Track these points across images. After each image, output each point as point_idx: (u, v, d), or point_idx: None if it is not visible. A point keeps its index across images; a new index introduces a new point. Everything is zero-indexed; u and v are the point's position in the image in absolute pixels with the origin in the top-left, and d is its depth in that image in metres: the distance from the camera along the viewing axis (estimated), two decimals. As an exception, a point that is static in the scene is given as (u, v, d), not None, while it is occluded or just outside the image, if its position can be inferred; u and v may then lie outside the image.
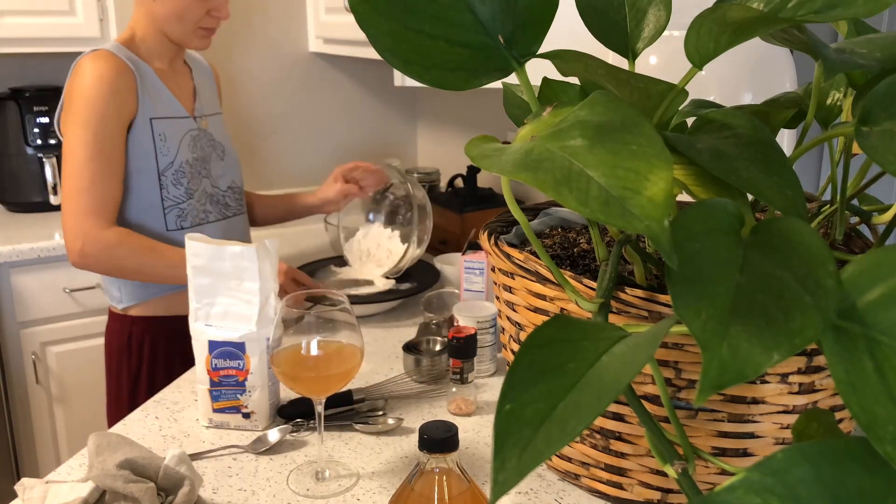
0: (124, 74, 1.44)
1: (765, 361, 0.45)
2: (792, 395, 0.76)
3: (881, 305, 0.47)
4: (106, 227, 1.41)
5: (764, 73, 1.15)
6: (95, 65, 1.42)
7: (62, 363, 2.09)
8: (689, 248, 0.53)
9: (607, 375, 0.49)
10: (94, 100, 1.40)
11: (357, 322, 0.94)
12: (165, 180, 1.49)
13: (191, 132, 1.55)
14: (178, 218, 1.52)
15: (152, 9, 1.49)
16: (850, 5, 0.59)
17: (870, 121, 0.62)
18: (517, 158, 0.53)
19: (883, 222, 0.81)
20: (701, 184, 0.69)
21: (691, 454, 0.58)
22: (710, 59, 0.63)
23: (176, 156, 1.51)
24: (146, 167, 1.47)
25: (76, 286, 2.05)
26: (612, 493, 0.87)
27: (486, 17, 0.65)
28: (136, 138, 1.46)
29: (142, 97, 1.47)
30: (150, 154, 1.48)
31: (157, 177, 1.49)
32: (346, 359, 0.93)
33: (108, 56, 1.44)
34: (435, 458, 0.74)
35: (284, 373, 0.92)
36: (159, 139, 1.48)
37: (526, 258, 0.81)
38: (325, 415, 1.07)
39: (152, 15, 1.50)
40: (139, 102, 1.47)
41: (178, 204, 1.52)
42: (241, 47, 2.41)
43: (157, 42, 1.53)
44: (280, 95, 2.50)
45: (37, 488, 0.86)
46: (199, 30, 1.52)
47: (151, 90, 1.49)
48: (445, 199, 2.03)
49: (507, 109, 0.87)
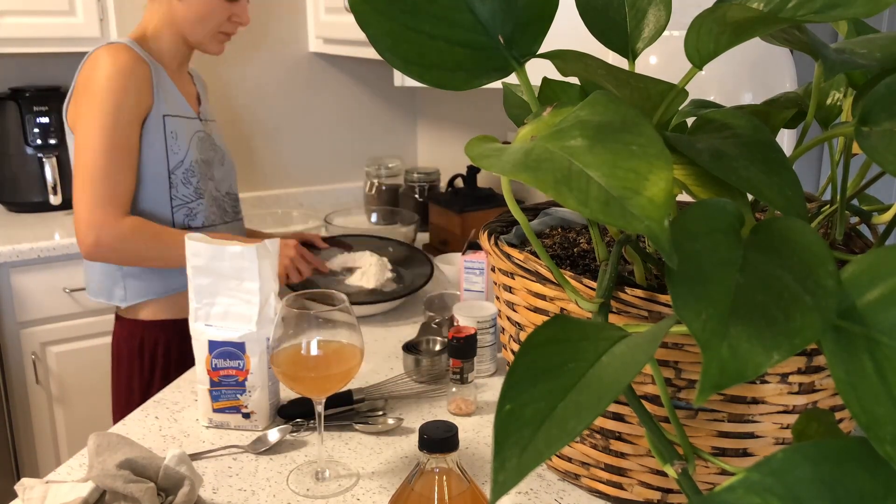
0: (142, 68, 1.44)
1: (765, 361, 0.45)
2: (792, 395, 0.76)
3: (881, 305, 0.47)
4: (121, 216, 1.41)
5: (764, 73, 1.15)
6: (115, 56, 1.41)
7: (62, 363, 2.09)
8: (689, 248, 0.53)
9: (607, 375, 0.49)
10: (113, 90, 1.40)
11: (357, 322, 0.94)
12: (175, 179, 1.49)
13: (198, 133, 1.55)
14: (186, 217, 1.52)
15: (175, 8, 1.49)
16: (850, 5, 0.59)
17: (870, 121, 0.62)
18: (517, 158, 0.53)
19: (883, 222, 0.81)
20: (701, 184, 0.69)
21: (691, 454, 0.58)
22: (710, 59, 0.63)
23: (186, 155, 1.51)
24: (156, 164, 1.47)
25: (76, 286, 2.05)
26: (612, 493, 0.87)
27: (486, 17, 0.65)
28: (148, 134, 1.46)
29: (157, 93, 1.47)
30: (161, 151, 1.47)
31: (167, 175, 1.48)
32: (346, 359, 0.93)
33: (127, 49, 1.44)
34: (435, 458, 0.74)
35: (284, 373, 0.92)
36: (171, 137, 1.48)
37: (526, 258, 0.81)
38: (325, 415, 1.07)
39: (173, 15, 1.49)
40: (154, 97, 1.46)
41: (187, 203, 1.51)
42: (241, 47, 2.41)
43: (171, 43, 1.53)
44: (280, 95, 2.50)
45: (37, 488, 0.86)
46: (219, 34, 1.53)
47: (165, 87, 1.50)
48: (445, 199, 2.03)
49: (507, 109, 0.87)
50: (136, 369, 1.57)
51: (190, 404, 1.16)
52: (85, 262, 1.57)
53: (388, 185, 2.42)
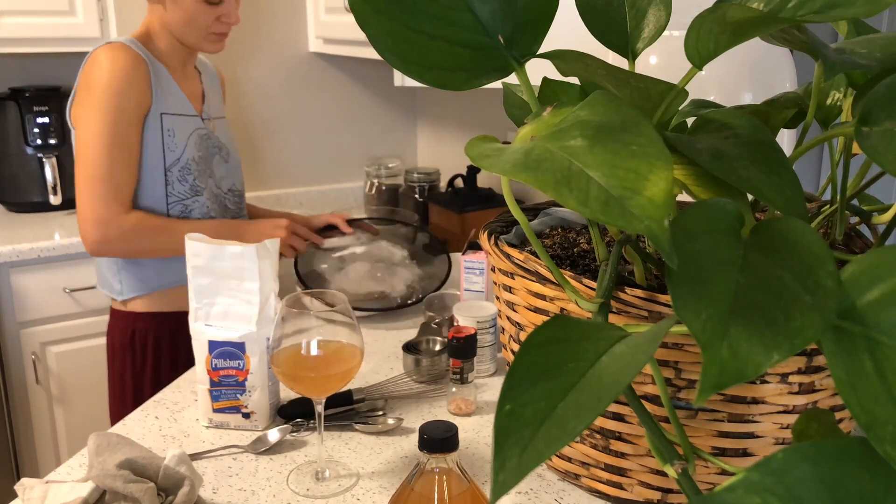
0: (141, 66, 1.47)
1: (765, 361, 0.45)
2: (792, 395, 0.76)
3: (881, 305, 0.47)
4: (124, 212, 1.45)
5: (764, 73, 1.15)
6: (115, 56, 1.44)
7: (62, 363, 2.09)
8: (689, 248, 0.53)
9: (607, 375, 0.49)
10: (114, 89, 1.43)
11: (357, 322, 0.94)
12: (171, 176, 1.51)
13: (198, 131, 1.57)
14: (181, 213, 1.54)
15: (164, 16, 1.52)
16: (850, 5, 0.59)
17: (870, 121, 0.62)
18: (517, 158, 0.53)
19: (883, 222, 0.81)
20: (701, 184, 0.69)
21: (691, 454, 0.58)
22: (710, 59, 0.63)
23: (183, 152, 1.52)
24: (153, 161, 1.49)
25: (76, 286, 2.05)
26: (612, 493, 0.87)
27: (486, 16, 0.65)
28: (146, 132, 1.49)
29: (155, 91, 1.50)
30: (157, 149, 1.50)
31: (163, 172, 1.50)
32: (346, 359, 0.93)
33: (126, 48, 1.46)
34: (435, 458, 0.73)
35: (284, 373, 0.92)
36: (168, 135, 1.51)
37: (526, 258, 0.81)
38: (325, 415, 1.07)
39: (164, 21, 1.53)
40: (153, 96, 1.49)
41: (182, 200, 1.53)
42: (241, 47, 2.41)
43: (169, 43, 1.55)
44: (280, 95, 2.50)
45: (37, 488, 0.86)
46: (211, 34, 1.54)
47: (164, 86, 1.52)
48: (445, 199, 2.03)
49: (507, 109, 0.87)
50: (129, 360, 1.60)
51: (190, 404, 1.16)
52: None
53: (388, 185, 2.42)
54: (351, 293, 1.56)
